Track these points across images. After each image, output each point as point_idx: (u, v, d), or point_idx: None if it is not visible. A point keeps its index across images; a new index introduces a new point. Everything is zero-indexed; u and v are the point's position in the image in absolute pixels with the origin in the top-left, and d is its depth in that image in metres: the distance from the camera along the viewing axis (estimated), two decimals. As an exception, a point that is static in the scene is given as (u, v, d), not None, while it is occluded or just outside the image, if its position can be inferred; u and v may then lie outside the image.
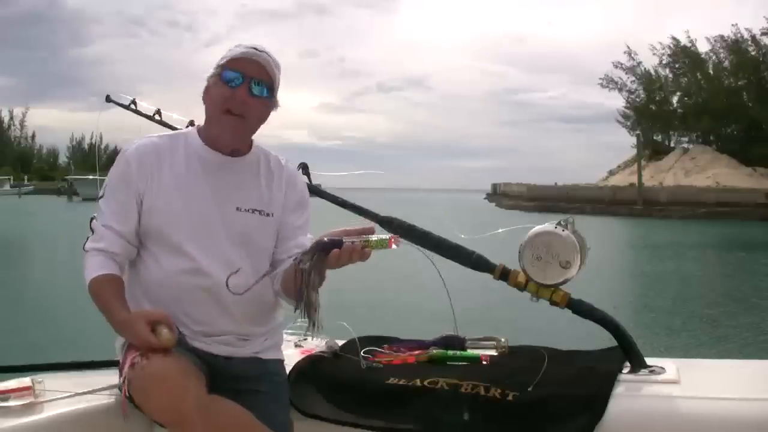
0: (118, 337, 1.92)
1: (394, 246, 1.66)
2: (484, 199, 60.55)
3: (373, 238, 1.67)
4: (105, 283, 1.81)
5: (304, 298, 1.66)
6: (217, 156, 1.93)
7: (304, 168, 2.34)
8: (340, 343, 2.30)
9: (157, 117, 2.63)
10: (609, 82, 57.03)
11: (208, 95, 1.92)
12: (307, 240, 1.98)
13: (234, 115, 1.87)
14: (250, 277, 1.86)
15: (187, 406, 1.60)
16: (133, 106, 2.69)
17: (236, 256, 1.90)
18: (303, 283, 1.66)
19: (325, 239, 1.67)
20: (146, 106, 2.68)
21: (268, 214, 1.96)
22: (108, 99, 2.68)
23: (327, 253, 1.65)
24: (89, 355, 2.30)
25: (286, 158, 2.08)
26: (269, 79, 1.89)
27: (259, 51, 1.88)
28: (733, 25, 57.47)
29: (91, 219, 1.89)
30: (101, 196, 1.90)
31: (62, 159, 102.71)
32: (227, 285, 1.78)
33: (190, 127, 2.08)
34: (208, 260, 1.87)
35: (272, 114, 1.97)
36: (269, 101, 1.93)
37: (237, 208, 1.92)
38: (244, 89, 1.86)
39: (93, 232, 1.87)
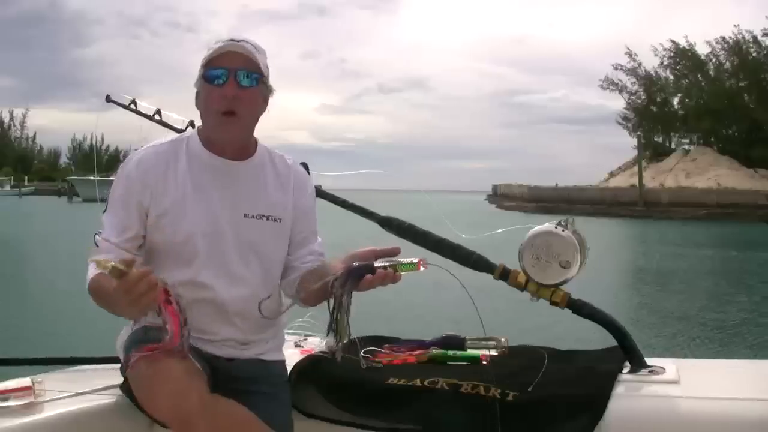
0: (119, 336, 1.92)
1: (422, 268, 1.69)
2: (485, 200, 60.49)
3: (404, 261, 1.70)
4: (101, 276, 1.75)
5: (339, 323, 1.70)
6: (220, 161, 1.89)
7: (304, 168, 2.34)
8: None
9: (157, 117, 2.63)
10: (609, 84, 57.06)
11: (199, 100, 1.87)
12: (318, 245, 1.99)
13: (228, 115, 1.82)
14: (260, 287, 1.87)
15: (190, 405, 1.59)
16: (133, 106, 2.69)
17: (244, 265, 1.87)
18: (336, 307, 1.69)
19: (355, 264, 1.70)
20: (146, 105, 2.68)
21: (276, 220, 1.91)
22: (108, 99, 2.68)
23: (360, 278, 1.68)
24: (89, 354, 2.30)
25: (293, 158, 2.04)
26: (255, 66, 1.82)
27: (237, 41, 1.82)
28: (735, 25, 57.20)
29: (95, 234, 1.85)
30: (104, 211, 1.87)
31: (63, 160, 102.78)
32: (260, 310, 1.79)
33: (190, 130, 2.06)
34: (214, 272, 1.85)
35: (272, 114, 1.93)
36: (261, 89, 1.86)
37: (245, 215, 1.88)
38: (231, 84, 1.80)
39: (97, 246, 1.83)
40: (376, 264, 1.69)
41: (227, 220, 1.86)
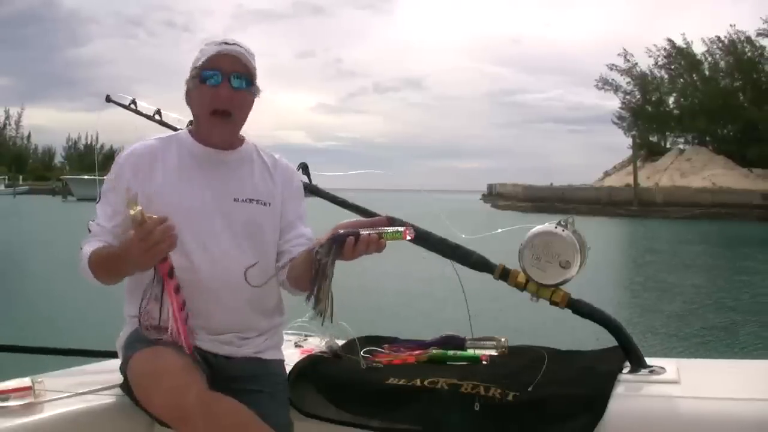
0: (119, 336, 1.94)
1: (408, 237, 1.68)
2: (479, 199, 60.43)
3: (389, 229, 1.69)
4: (98, 248, 1.82)
5: (320, 290, 1.69)
6: (209, 151, 1.96)
7: (304, 168, 2.35)
8: (340, 343, 2.30)
9: (156, 117, 2.62)
10: (605, 84, 57.08)
11: (190, 98, 1.95)
12: (307, 230, 2.02)
13: (221, 115, 1.91)
14: (256, 268, 1.87)
15: (188, 402, 1.60)
16: (133, 106, 2.68)
17: (237, 248, 1.90)
18: (319, 274, 1.68)
19: (341, 231, 1.68)
20: (146, 105, 2.67)
21: (266, 204, 1.97)
22: (108, 99, 2.67)
23: (344, 245, 1.67)
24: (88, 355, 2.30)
25: (280, 154, 2.10)
26: (246, 70, 1.92)
27: (230, 44, 1.91)
28: (731, 25, 57.37)
29: (90, 221, 1.91)
30: (97, 201, 1.93)
31: (58, 159, 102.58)
32: (245, 277, 1.80)
33: (183, 129, 2.10)
34: (205, 254, 1.87)
35: (269, 114, 2.02)
36: (251, 91, 1.95)
37: (235, 199, 1.93)
38: (225, 86, 1.89)
39: (90, 233, 1.89)
40: (362, 232, 1.67)
41: (217, 203, 1.91)
